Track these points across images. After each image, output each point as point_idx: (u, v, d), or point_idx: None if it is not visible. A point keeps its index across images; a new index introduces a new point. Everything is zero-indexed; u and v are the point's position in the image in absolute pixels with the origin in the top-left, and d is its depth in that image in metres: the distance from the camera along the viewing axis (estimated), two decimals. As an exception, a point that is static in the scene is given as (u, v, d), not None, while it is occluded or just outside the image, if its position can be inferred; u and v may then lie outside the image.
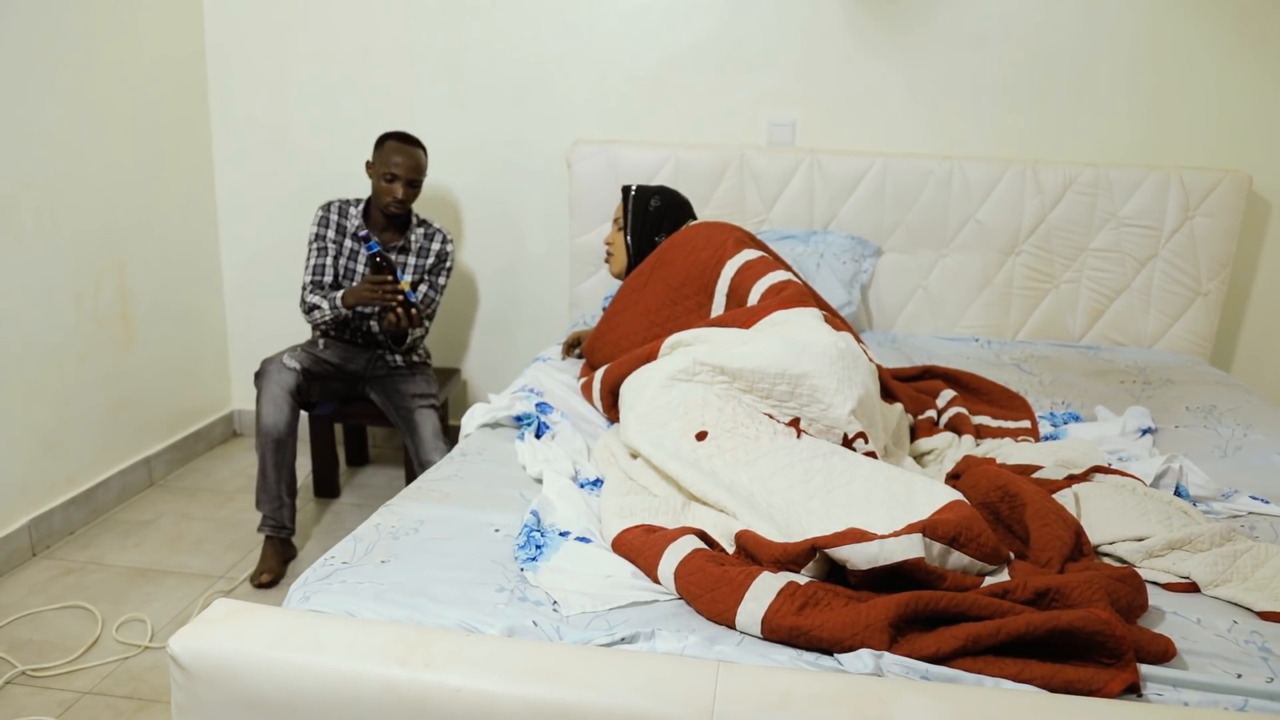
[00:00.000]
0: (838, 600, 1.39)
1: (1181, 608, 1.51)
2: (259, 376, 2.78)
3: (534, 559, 1.58)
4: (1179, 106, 3.09)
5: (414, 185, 2.90)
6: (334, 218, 2.96)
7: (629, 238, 2.62)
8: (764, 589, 1.41)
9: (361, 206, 2.98)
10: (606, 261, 2.72)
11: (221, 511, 3.18)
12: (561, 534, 1.66)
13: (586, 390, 2.38)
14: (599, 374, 2.30)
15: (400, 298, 2.71)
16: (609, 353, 2.43)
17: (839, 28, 3.16)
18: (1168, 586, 1.59)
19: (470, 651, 1.26)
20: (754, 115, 3.26)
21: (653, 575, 1.54)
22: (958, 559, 1.49)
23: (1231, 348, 3.29)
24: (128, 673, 2.33)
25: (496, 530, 1.70)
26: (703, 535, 1.63)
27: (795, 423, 1.92)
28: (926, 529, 1.47)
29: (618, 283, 3.09)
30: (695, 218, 2.69)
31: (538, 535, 1.65)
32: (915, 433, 2.22)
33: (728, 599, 1.41)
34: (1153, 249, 3.06)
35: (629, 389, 2.07)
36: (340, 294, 2.82)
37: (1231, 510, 1.88)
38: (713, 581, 1.45)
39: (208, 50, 3.49)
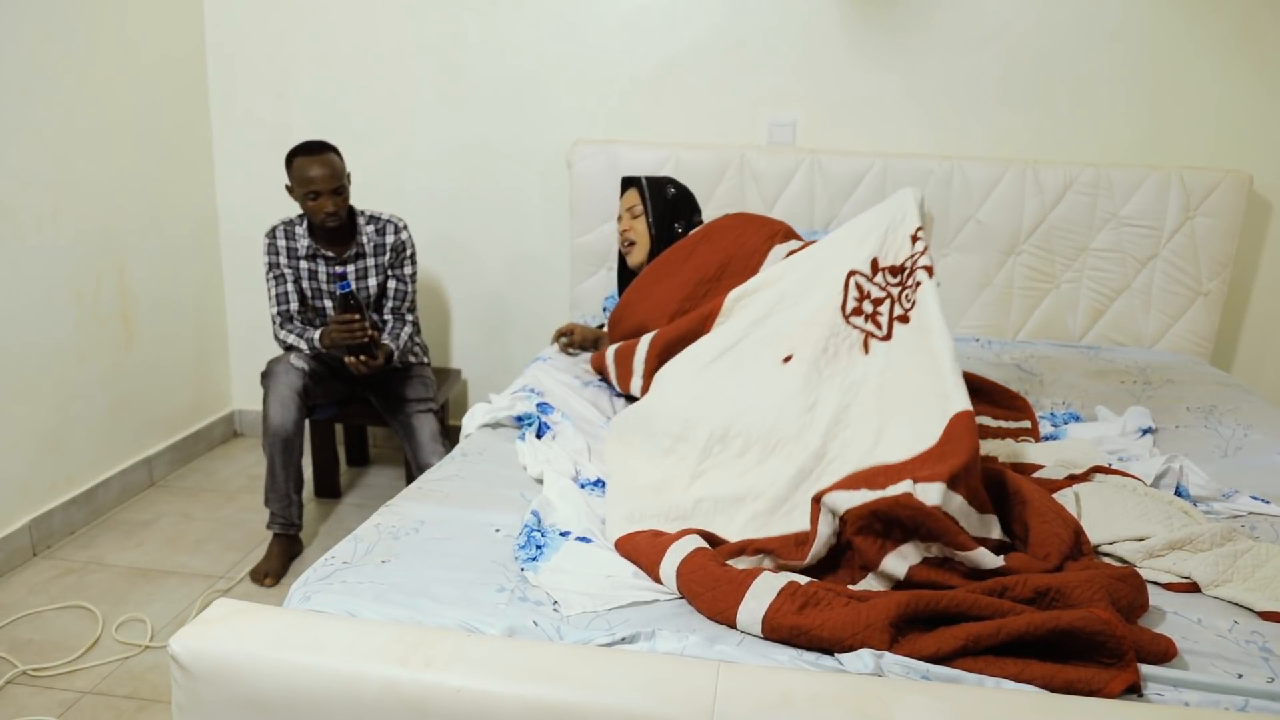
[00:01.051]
0: (838, 600, 1.39)
1: (1182, 608, 1.51)
2: (266, 377, 2.78)
3: (534, 559, 1.58)
4: (1179, 106, 3.09)
5: (339, 192, 2.78)
6: (281, 243, 2.89)
7: (652, 225, 2.66)
8: (765, 588, 1.41)
9: (306, 225, 2.90)
10: (626, 252, 2.75)
11: (222, 512, 3.19)
12: (562, 534, 1.67)
13: (599, 361, 2.41)
14: (646, 338, 2.33)
15: (368, 338, 2.69)
16: (639, 320, 2.47)
17: (839, 28, 3.16)
18: (1168, 586, 1.59)
19: (471, 651, 1.26)
20: (754, 115, 3.26)
21: (654, 575, 1.55)
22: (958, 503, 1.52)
23: (1232, 348, 3.29)
24: (128, 672, 2.33)
25: (497, 530, 1.70)
26: (706, 535, 1.63)
27: (875, 263, 1.99)
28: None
29: (615, 284, 3.09)
30: (700, 210, 2.78)
31: (538, 535, 1.65)
32: None
33: (728, 598, 1.42)
34: (1153, 249, 3.06)
35: (719, 339, 2.14)
36: (318, 334, 2.80)
37: (1232, 510, 1.88)
38: (713, 580, 1.45)
39: (208, 50, 3.49)
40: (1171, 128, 3.11)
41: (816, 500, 1.56)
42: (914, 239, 1.98)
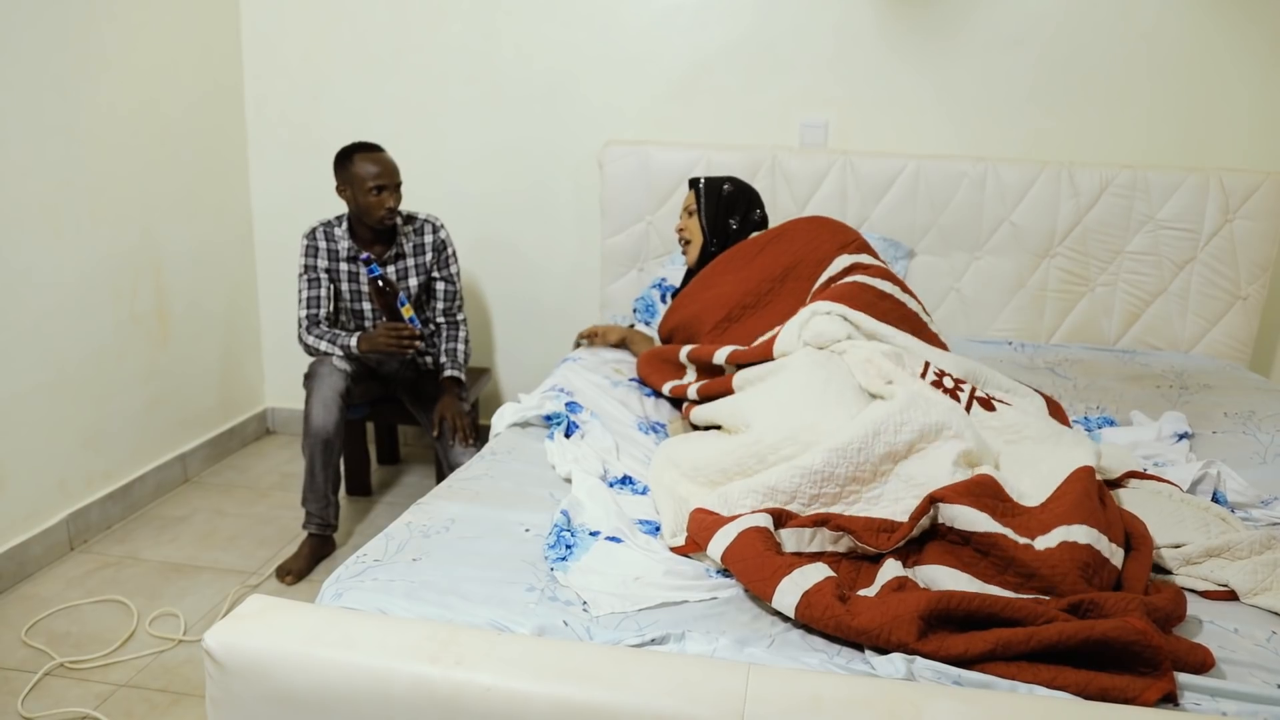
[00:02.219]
0: (876, 599, 1.40)
1: (1219, 617, 1.49)
2: (309, 378, 2.80)
3: (564, 559, 1.58)
4: (1218, 107, 3.05)
5: (399, 188, 2.84)
6: (321, 245, 2.90)
7: (704, 222, 2.65)
8: (812, 572, 1.44)
9: (345, 225, 2.91)
10: (683, 249, 2.74)
11: (255, 508, 3.22)
12: (592, 534, 1.67)
13: (672, 359, 2.43)
14: (725, 350, 2.28)
15: (418, 344, 2.76)
16: (694, 311, 2.51)
17: (872, 29, 3.14)
18: (1206, 595, 1.57)
19: (501, 650, 1.26)
20: (786, 116, 3.25)
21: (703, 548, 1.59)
22: None
23: (1271, 353, 3.24)
24: (162, 666, 2.36)
25: (527, 530, 1.71)
26: (776, 512, 1.63)
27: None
28: None
29: (649, 285, 3.09)
30: (763, 203, 2.74)
31: (568, 535, 1.65)
32: None
33: (771, 577, 1.44)
34: (1191, 252, 3.02)
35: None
36: (355, 339, 2.82)
37: (1271, 517, 1.85)
38: (759, 557, 1.49)
39: (244, 53, 3.53)
40: (1210, 129, 3.07)
41: (930, 500, 1.56)
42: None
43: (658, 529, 1.75)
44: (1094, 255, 3.06)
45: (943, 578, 1.49)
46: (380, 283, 2.73)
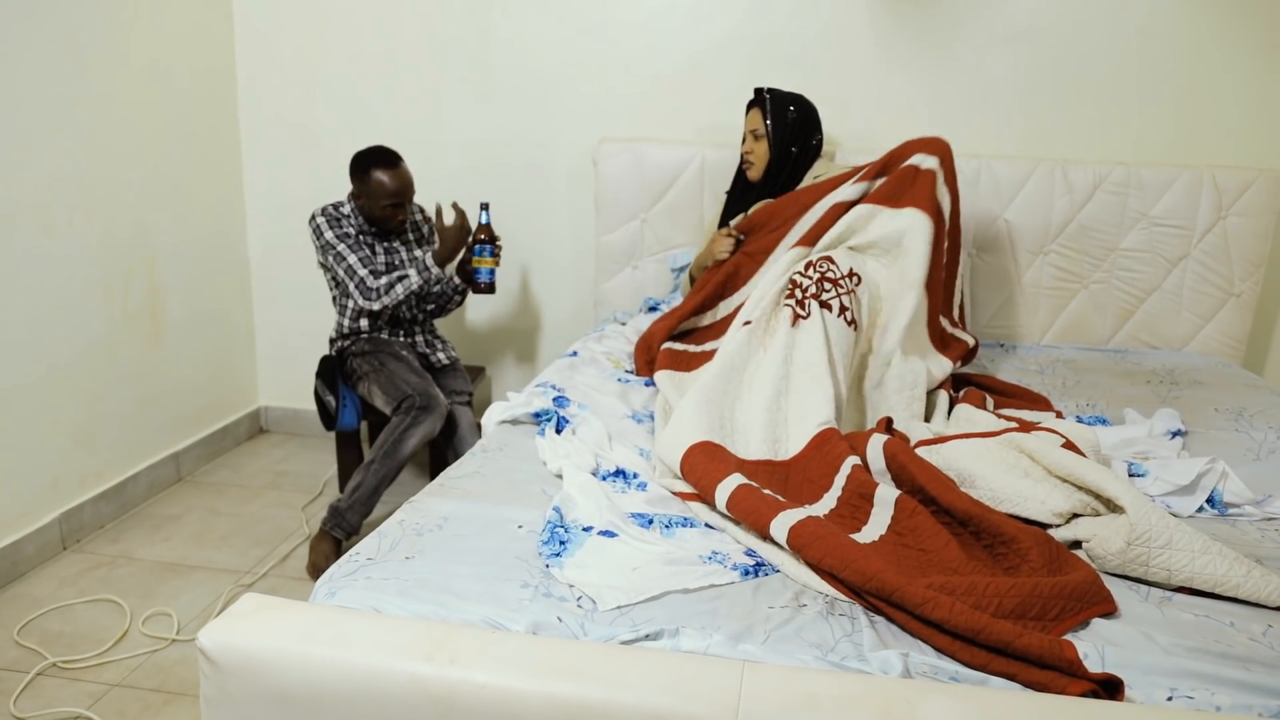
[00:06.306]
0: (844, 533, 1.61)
1: (1214, 611, 1.49)
2: (421, 410, 2.80)
3: (558, 555, 1.59)
4: (1212, 104, 3.05)
5: (412, 199, 2.97)
6: (337, 217, 2.95)
7: (772, 147, 2.80)
8: (800, 513, 1.63)
9: (351, 206, 2.97)
10: (747, 168, 2.86)
11: (248, 507, 3.21)
12: (584, 529, 1.67)
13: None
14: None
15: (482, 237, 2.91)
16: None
17: (866, 25, 3.14)
18: (1181, 590, 1.55)
19: (496, 648, 1.26)
20: (780, 114, 3.25)
21: (710, 496, 1.77)
22: None
23: (1265, 350, 3.25)
24: (155, 665, 2.35)
25: (520, 526, 1.71)
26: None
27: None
28: None
29: (657, 284, 3.09)
30: (821, 127, 2.89)
31: (561, 531, 1.65)
32: None
33: (765, 517, 1.63)
34: (1184, 249, 3.02)
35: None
36: (426, 256, 2.85)
37: (1268, 514, 1.85)
38: (757, 502, 1.69)
39: (237, 50, 3.52)
40: (1203, 125, 3.08)
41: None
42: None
43: (650, 521, 1.75)
44: (1088, 252, 3.06)
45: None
46: (492, 230, 2.90)
